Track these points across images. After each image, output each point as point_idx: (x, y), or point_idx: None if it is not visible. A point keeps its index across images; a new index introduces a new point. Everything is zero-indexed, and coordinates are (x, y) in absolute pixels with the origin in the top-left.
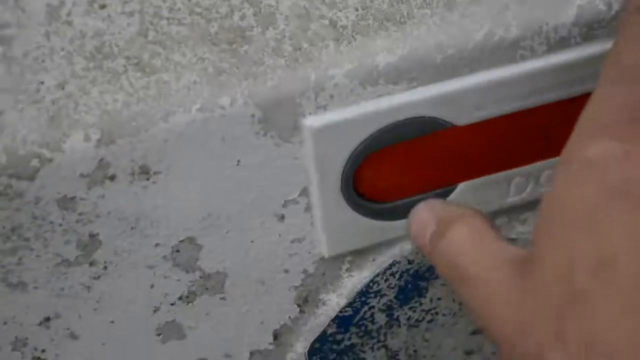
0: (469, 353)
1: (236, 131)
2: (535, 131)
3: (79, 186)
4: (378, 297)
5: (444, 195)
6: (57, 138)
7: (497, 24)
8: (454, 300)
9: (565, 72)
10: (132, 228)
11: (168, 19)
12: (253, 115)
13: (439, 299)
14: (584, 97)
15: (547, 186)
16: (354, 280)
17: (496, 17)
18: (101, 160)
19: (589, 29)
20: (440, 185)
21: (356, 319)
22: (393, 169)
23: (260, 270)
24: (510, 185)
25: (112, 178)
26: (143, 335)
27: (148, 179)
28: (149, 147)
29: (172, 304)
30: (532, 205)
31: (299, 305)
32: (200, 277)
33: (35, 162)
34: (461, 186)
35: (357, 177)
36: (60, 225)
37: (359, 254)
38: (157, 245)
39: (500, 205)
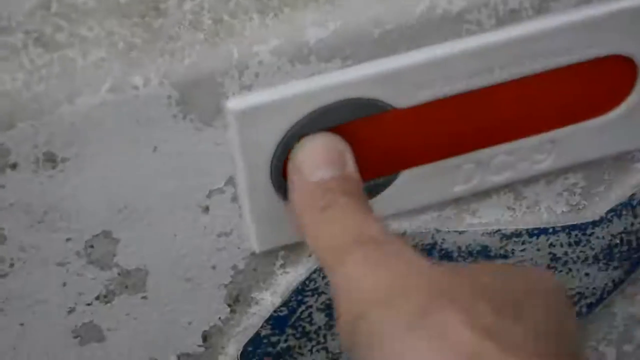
0: None
1: (151, 114)
2: (484, 114)
3: None
4: (316, 296)
5: (385, 184)
6: None
7: None
8: None
9: (516, 48)
10: (39, 222)
11: None
12: (170, 97)
13: None
14: (537, 77)
15: None
16: (288, 278)
17: None
18: (0, 146)
19: (542, 1)
20: (380, 173)
21: (292, 320)
22: None
23: (185, 266)
24: (457, 172)
25: (14, 166)
26: (58, 338)
27: (54, 167)
28: (54, 132)
29: (88, 304)
30: (482, 195)
31: (229, 305)
32: (119, 275)
33: None
34: (404, 174)
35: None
36: None
37: (293, 249)
38: (68, 240)
39: (446, 195)
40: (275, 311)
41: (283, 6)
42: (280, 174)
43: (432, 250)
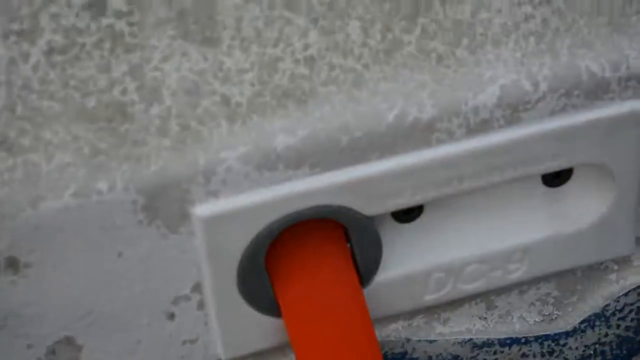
0: None
1: (116, 220)
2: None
3: None
4: None
5: None
6: None
7: (411, 104)
8: None
9: (487, 158)
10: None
11: (39, 92)
12: (135, 202)
13: None
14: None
15: None
16: None
17: (410, 96)
18: None
19: (514, 111)
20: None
21: None
22: None
23: None
24: (428, 281)
25: None
26: None
27: (16, 273)
28: (17, 237)
29: None
30: (453, 304)
31: None
32: None
33: None
34: (373, 282)
35: None
36: None
37: (261, 357)
38: (29, 346)
39: (417, 304)
40: None
41: (251, 113)
42: (247, 281)
43: (402, 359)
